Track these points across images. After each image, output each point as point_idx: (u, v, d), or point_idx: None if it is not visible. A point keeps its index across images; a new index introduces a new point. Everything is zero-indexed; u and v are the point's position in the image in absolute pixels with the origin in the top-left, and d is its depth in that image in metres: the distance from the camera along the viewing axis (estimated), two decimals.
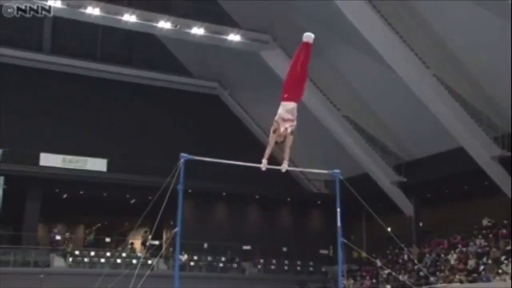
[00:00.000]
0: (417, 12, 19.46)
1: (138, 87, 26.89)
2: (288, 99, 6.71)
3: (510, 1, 16.14)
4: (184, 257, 22.35)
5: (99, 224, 26.23)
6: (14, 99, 23.48)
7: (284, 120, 6.65)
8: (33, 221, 22.44)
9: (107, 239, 24.19)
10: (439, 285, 17.57)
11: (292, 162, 26.81)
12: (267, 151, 6.86)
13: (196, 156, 7.78)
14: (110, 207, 24.51)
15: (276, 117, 6.71)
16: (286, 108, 6.68)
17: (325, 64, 23.23)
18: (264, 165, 7.08)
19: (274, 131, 6.69)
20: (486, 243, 19.16)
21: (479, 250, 18.94)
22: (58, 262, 21.48)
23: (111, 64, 26.68)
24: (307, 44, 6.74)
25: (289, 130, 6.66)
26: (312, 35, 6.73)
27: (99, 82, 26.19)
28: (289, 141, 6.77)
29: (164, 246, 21.66)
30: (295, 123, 6.72)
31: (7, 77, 23.35)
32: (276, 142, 6.88)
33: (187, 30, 22.55)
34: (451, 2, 18.10)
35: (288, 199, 27.03)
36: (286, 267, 25.04)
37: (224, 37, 23.00)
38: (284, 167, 7.21)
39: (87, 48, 27.05)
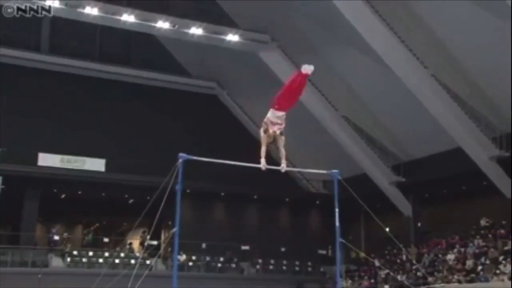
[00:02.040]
0: (416, 13, 19.47)
1: (136, 87, 26.87)
2: (278, 109, 7.19)
3: (508, 2, 16.15)
4: (183, 257, 22.33)
5: (97, 224, 26.21)
6: (12, 99, 23.44)
7: (273, 124, 7.13)
8: (31, 221, 22.42)
9: (106, 239, 24.17)
10: (437, 285, 17.58)
11: (290, 162, 26.81)
12: (263, 150, 7.26)
13: (194, 156, 7.76)
14: (108, 207, 24.49)
15: (265, 119, 7.20)
16: (276, 115, 7.17)
17: (323, 64, 23.19)
18: (263, 164, 7.32)
19: (265, 131, 7.19)
20: (484, 243, 19.17)
21: (477, 251, 18.96)
22: (56, 262, 21.44)
23: (109, 64, 26.66)
24: (306, 75, 7.19)
25: (277, 132, 7.13)
26: (312, 68, 7.13)
27: (97, 82, 26.17)
28: (281, 141, 7.25)
29: (162, 246, 21.66)
30: (283, 125, 7.20)
31: (5, 77, 23.30)
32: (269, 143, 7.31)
33: (186, 30, 22.54)
34: (449, 2, 18.12)
35: (287, 199, 27.02)
36: (284, 267, 25.05)
37: (223, 37, 22.99)
38: (283, 167, 7.50)
39: (85, 48, 27.02)
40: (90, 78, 26.12)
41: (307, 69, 7.07)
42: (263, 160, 7.27)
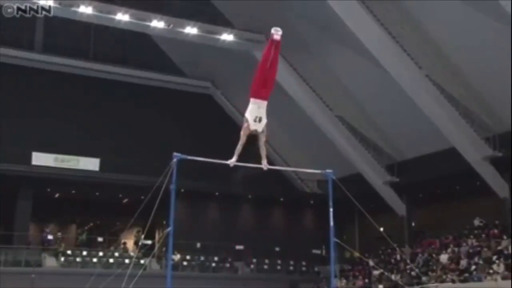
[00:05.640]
0: (410, 13, 19.52)
1: (131, 87, 26.82)
2: (256, 97, 6.85)
3: (502, 3, 16.19)
4: (177, 257, 22.33)
5: (91, 224, 26.16)
6: (5, 98, 23.31)
7: (254, 120, 6.81)
8: (25, 220, 22.34)
9: (100, 239, 24.10)
10: (431, 285, 17.64)
11: (285, 162, 26.95)
12: (238, 148, 6.98)
13: (189, 155, 7.75)
14: (102, 207, 24.45)
15: (247, 113, 6.89)
16: (256, 106, 6.85)
17: (318, 64, 23.27)
18: (232, 162, 7.11)
19: (246, 129, 6.87)
20: (477, 243, 19.26)
21: (471, 250, 19.03)
22: (49, 261, 21.39)
23: (103, 64, 26.57)
24: (276, 41, 6.61)
25: (260, 130, 6.80)
26: (280, 31, 6.57)
27: (91, 81, 26.09)
28: (262, 138, 6.92)
29: (156, 245, 21.62)
30: (265, 121, 6.86)
31: None
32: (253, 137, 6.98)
33: (180, 30, 22.51)
34: (444, 3, 18.19)
35: (281, 199, 27.03)
36: (278, 267, 25.07)
37: (217, 36, 22.98)
38: (265, 165, 7.23)
39: (79, 47, 26.91)
40: (84, 77, 26.03)
41: (277, 32, 6.48)
42: (234, 158, 7.04)
